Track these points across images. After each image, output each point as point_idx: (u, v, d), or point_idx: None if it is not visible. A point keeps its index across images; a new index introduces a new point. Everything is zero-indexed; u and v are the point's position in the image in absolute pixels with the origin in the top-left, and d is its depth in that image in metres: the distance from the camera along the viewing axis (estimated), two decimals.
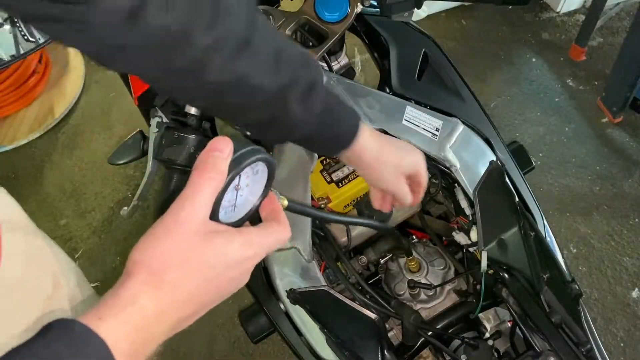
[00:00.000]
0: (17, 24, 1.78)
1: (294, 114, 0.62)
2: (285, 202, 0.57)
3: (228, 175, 0.45)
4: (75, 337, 0.38)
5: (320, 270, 0.91)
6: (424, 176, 0.79)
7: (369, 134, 0.71)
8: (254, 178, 0.51)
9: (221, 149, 0.45)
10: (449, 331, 0.91)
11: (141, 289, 0.41)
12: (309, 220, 0.90)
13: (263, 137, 0.76)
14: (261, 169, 0.51)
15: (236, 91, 0.57)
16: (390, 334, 0.94)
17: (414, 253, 0.98)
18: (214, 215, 0.46)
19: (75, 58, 2.46)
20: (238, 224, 0.51)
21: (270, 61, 0.57)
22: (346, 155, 0.71)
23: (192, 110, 0.88)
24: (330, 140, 0.69)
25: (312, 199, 0.96)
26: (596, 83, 2.26)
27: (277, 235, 0.50)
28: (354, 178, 1.00)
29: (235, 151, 0.46)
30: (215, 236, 0.44)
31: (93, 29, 0.47)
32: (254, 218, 0.53)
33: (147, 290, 0.41)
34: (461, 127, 0.96)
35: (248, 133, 0.97)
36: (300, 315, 0.89)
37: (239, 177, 0.48)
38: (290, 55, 0.59)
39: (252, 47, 0.55)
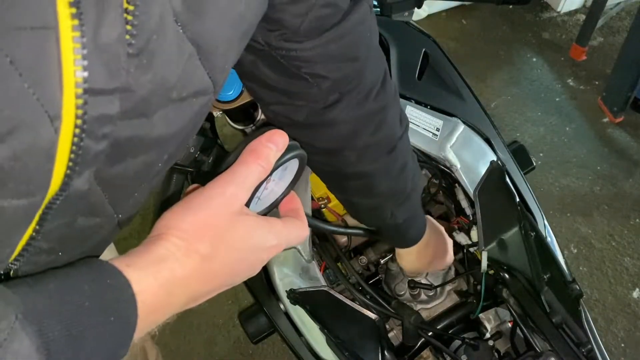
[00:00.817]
0: None
1: (388, 213, 0.72)
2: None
3: None
4: (101, 275, 0.37)
5: (320, 270, 0.90)
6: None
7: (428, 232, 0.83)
8: (282, 173, 0.52)
9: (277, 142, 0.46)
10: (450, 331, 0.90)
11: (173, 252, 0.40)
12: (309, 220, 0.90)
13: (354, 214, 0.81)
14: (291, 164, 0.52)
15: (356, 182, 0.68)
16: (390, 335, 0.94)
17: None
18: (247, 203, 0.47)
19: None
20: (277, 203, 0.54)
21: (397, 170, 0.67)
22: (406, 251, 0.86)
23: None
24: (402, 239, 0.82)
25: (312, 199, 0.96)
26: (597, 83, 2.26)
27: (298, 231, 0.51)
28: None
29: None
30: (247, 220, 0.45)
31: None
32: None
33: (178, 255, 0.40)
34: (462, 127, 0.96)
35: (247, 132, 0.97)
36: (300, 315, 0.89)
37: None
38: (412, 167, 0.70)
39: (394, 153, 0.65)
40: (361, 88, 0.58)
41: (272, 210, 0.54)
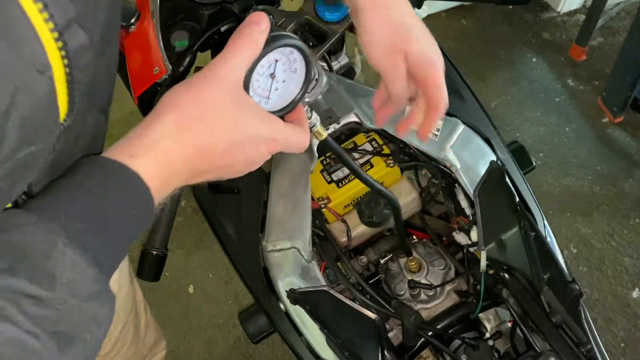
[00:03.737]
0: None
1: None
2: (325, 135, 0.60)
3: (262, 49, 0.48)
4: (110, 174, 0.40)
5: (320, 270, 0.90)
6: (436, 76, 0.61)
7: None
8: (291, 75, 0.53)
9: (257, 21, 0.47)
10: (449, 331, 0.91)
11: (168, 130, 0.43)
12: (309, 220, 0.90)
13: None
14: (299, 68, 0.53)
15: None
16: (390, 334, 0.94)
17: (414, 253, 0.98)
18: (245, 87, 0.48)
19: None
20: (288, 109, 0.54)
21: None
22: None
23: None
24: None
25: (312, 199, 0.96)
26: (597, 83, 2.26)
27: (298, 136, 0.52)
28: (354, 178, 1.00)
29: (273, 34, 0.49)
30: (247, 104, 0.47)
31: None
32: None
33: (173, 132, 0.43)
34: (461, 127, 0.96)
35: None
36: (300, 315, 0.89)
37: (275, 64, 0.50)
38: None
39: None
40: None
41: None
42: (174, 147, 0.43)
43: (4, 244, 0.34)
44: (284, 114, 0.54)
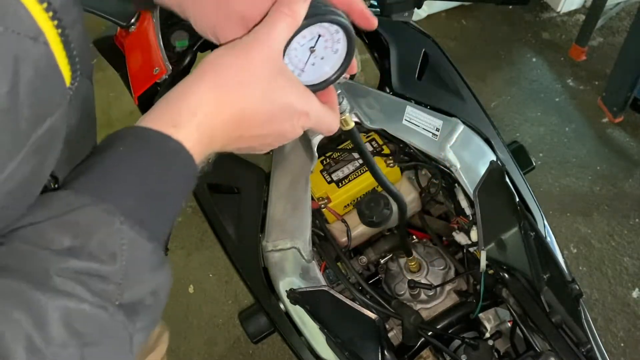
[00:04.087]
0: None
1: None
2: (352, 124, 0.60)
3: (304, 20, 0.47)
4: (155, 146, 0.41)
5: (320, 270, 0.90)
6: None
7: None
8: (330, 54, 0.52)
9: None
10: (449, 331, 0.91)
11: (207, 95, 0.43)
12: (309, 220, 0.90)
13: None
14: (341, 49, 0.52)
15: None
16: (390, 334, 0.94)
17: (414, 253, 0.98)
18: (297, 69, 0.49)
19: None
20: (322, 87, 0.54)
21: None
22: None
23: None
24: None
25: (312, 199, 0.96)
26: (596, 83, 2.26)
27: (330, 118, 0.53)
28: (354, 178, 1.00)
29: (317, 8, 0.48)
30: (286, 74, 0.47)
31: None
32: None
33: (212, 97, 0.43)
34: (461, 127, 0.96)
35: None
36: (300, 315, 0.89)
37: (317, 39, 0.50)
38: None
39: None
40: None
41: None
42: (213, 112, 0.43)
43: (63, 225, 0.35)
44: (312, 90, 0.53)
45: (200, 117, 0.43)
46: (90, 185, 0.38)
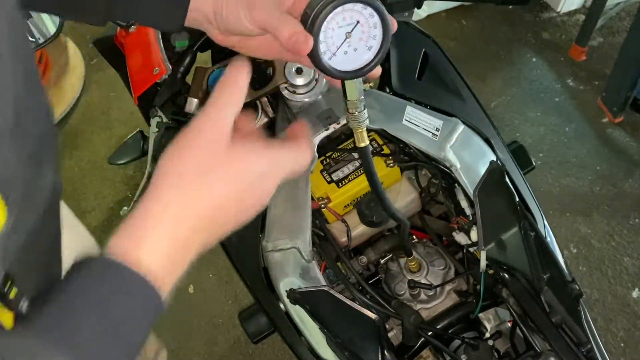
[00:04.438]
0: None
1: None
2: (366, 142, 0.59)
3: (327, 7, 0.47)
4: (114, 282, 0.39)
5: (320, 270, 0.90)
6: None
7: None
8: (363, 49, 0.51)
9: (239, 65, 0.46)
10: (449, 331, 0.91)
11: (173, 207, 0.42)
12: (309, 220, 0.90)
13: None
14: (374, 47, 0.52)
15: None
16: (390, 334, 0.94)
17: (414, 253, 0.98)
18: (316, 29, 0.47)
19: (75, 58, 2.46)
20: (348, 76, 0.53)
21: None
22: None
23: (192, 111, 0.88)
24: None
25: (312, 199, 0.96)
26: (596, 83, 2.26)
27: (300, 153, 0.50)
28: (354, 178, 1.00)
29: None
30: (240, 149, 0.45)
31: None
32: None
33: (178, 208, 0.42)
34: (461, 127, 0.96)
35: None
36: (300, 315, 0.89)
37: (355, 26, 0.49)
38: None
39: None
40: None
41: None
42: (184, 222, 0.42)
43: None
44: (356, 76, 0.53)
45: (168, 230, 0.41)
46: (46, 325, 0.36)
